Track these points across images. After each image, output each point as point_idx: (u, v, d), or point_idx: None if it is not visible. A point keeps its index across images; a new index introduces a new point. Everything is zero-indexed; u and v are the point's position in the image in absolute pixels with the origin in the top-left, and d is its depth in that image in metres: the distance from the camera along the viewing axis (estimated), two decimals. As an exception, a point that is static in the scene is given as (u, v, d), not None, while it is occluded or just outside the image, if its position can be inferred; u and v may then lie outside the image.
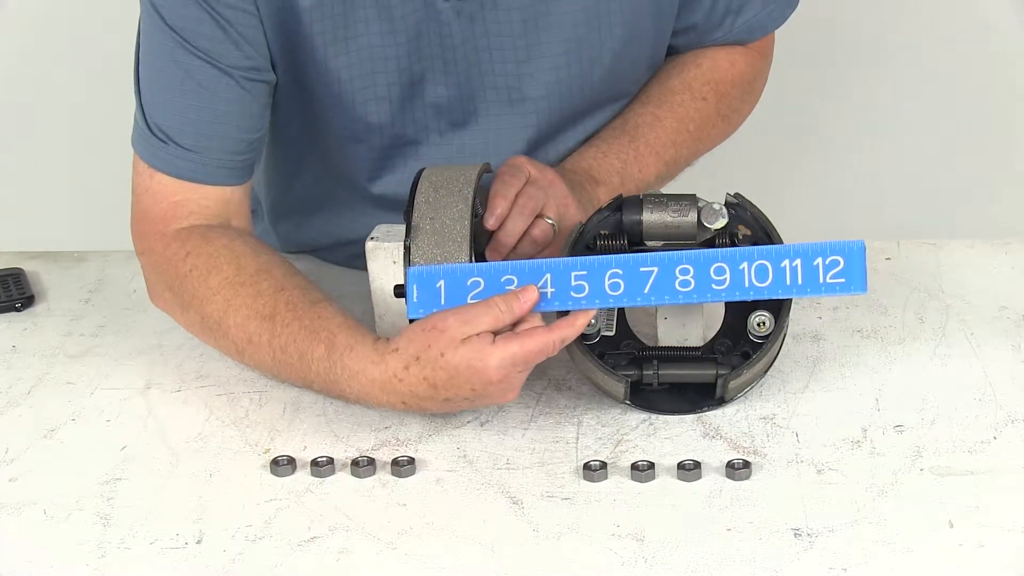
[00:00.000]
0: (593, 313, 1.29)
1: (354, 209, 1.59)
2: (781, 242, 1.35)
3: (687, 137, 1.57)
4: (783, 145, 2.67)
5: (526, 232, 1.40)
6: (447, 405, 1.31)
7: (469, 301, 1.29)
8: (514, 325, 1.28)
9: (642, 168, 1.54)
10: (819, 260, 1.28)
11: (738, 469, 1.25)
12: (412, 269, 1.30)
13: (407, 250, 1.32)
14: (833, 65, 2.59)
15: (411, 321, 1.30)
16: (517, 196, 1.39)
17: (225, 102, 1.45)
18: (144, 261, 1.49)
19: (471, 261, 1.31)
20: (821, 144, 2.67)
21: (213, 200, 1.47)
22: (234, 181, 1.48)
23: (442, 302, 1.30)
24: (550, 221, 1.40)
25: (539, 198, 1.40)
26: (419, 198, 1.34)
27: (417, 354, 1.28)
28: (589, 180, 1.50)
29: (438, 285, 1.30)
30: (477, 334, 1.26)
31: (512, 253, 1.39)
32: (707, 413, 1.35)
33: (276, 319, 1.37)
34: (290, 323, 1.36)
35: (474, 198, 1.34)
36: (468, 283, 1.30)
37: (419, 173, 1.37)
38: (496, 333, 1.27)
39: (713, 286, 1.28)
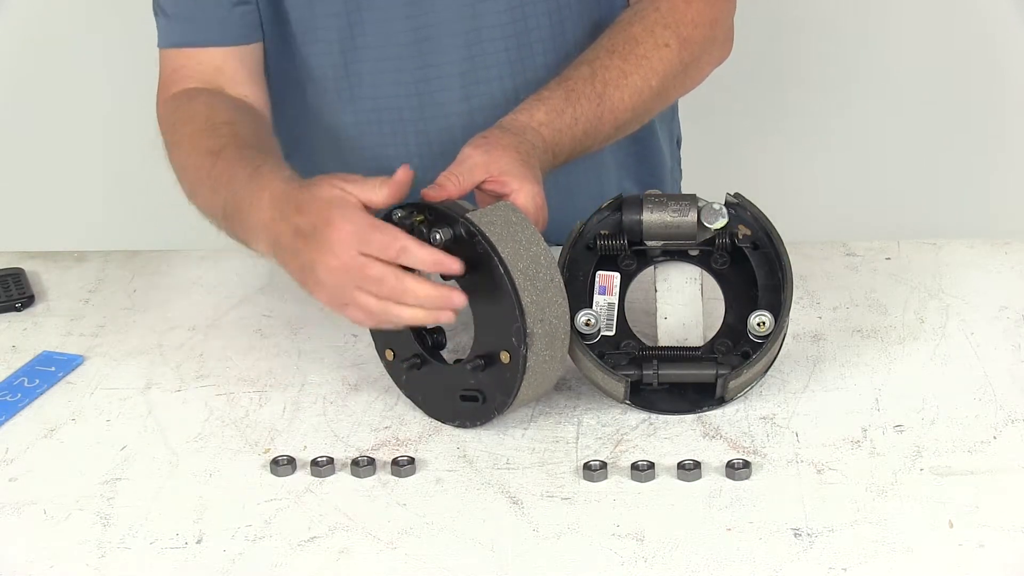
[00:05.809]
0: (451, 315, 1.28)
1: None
2: (781, 242, 1.35)
3: (648, 96, 1.54)
4: (783, 145, 2.67)
5: None
6: (290, 240, 1.30)
7: None
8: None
9: (596, 136, 1.52)
10: None
11: (738, 469, 1.25)
12: None
13: (523, 359, 1.27)
14: (833, 65, 2.59)
15: None
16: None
17: None
18: (160, 130, 1.57)
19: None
20: (821, 144, 2.67)
21: (205, 65, 1.57)
22: (220, 41, 1.57)
23: None
24: None
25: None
26: (524, 297, 1.26)
27: (314, 182, 1.31)
28: (553, 153, 1.47)
29: None
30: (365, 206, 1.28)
31: None
32: (707, 413, 1.35)
33: (222, 154, 1.44)
34: (232, 156, 1.43)
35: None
36: None
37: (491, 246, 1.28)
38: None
39: None
